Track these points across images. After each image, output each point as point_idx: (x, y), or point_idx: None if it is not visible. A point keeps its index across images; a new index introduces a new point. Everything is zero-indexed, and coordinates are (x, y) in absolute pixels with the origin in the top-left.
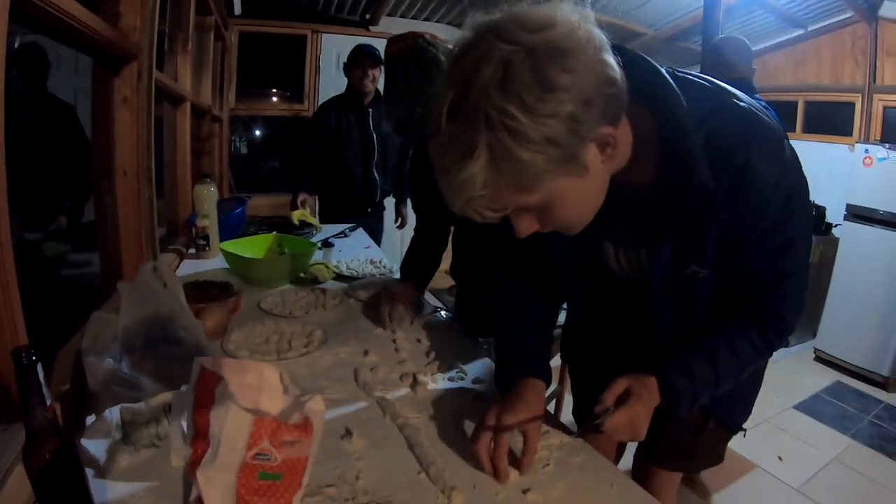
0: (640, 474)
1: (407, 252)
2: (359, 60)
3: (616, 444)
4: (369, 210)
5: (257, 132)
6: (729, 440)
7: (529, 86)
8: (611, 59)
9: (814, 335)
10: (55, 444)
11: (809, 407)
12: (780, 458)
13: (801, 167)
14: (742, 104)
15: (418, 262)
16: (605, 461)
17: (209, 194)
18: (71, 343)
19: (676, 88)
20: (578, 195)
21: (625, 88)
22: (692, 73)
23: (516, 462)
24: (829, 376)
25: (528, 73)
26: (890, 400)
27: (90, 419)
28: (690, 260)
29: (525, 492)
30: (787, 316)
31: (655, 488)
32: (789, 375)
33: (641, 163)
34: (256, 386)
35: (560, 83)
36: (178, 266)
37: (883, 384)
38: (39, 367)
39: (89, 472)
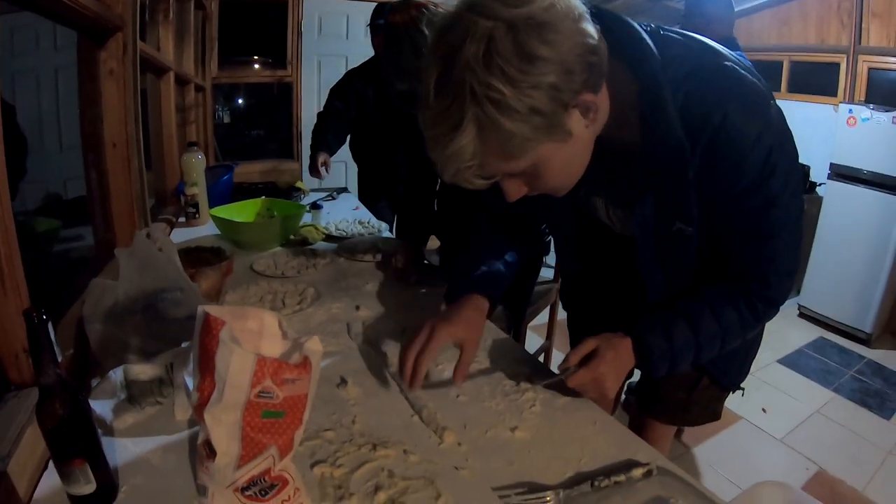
0: (637, 425)
1: (401, 211)
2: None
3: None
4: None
5: (240, 100)
6: (725, 398)
7: (511, 59)
8: (590, 28)
9: (798, 292)
10: (67, 399)
11: (793, 361)
12: (763, 410)
13: (787, 129)
14: (727, 63)
15: (414, 222)
16: (589, 402)
17: (197, 162)
18: (72, 310)
19: (654, 50)
20: (563, 159)
21: (605, 55)
22: (679, 31)
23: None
24: (813, 332)
25: (509, 46)
26: (872, 356)
27: (95, 381)
28: (675, 217)
29: (513, 430)
30: (772, 281)
31: (651, 439)
32: (774, 330)
33: (628, 121)
34: (257, 331)
35: (541, 55)
36: (169, 234)
37: (865, 340)
38: (50, 326)
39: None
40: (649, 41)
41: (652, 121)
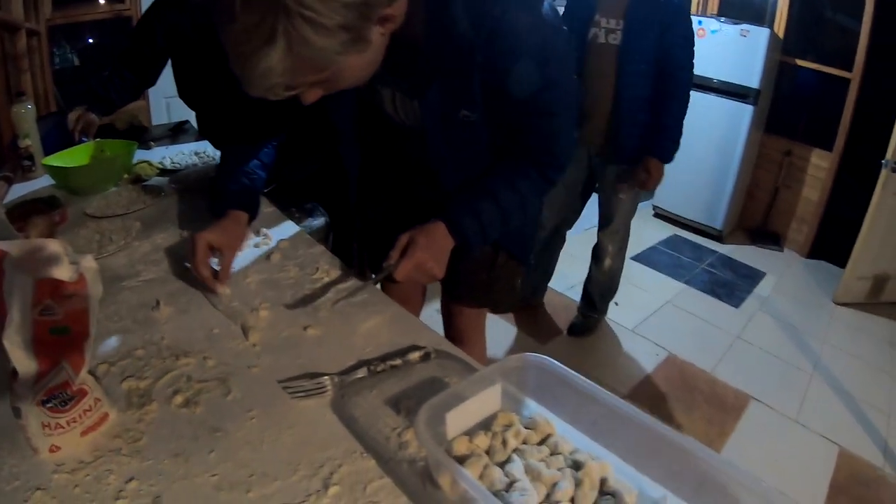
0: (448, 314)
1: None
2: None
3: (420, 288)
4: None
5: (90, 40)
6: (521, 275)
7: None
8: None
9: (652, 193)
10: None
11: (646, 257)
12: (616, 304)
13: (562, 24)
14: None
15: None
16: (385, 297)
17: (26, 113)
18: None
19: None
20: (361, 65)
21: None
22: None
23: None
24: (667, 230)
25: None
26: (723, 251)
27: None
28: (461, 104)
29: (306, 328)
30: (558, 151)
31: (464, 326)
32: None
33: (416, 16)
34: (45, 259)
35: None
36: (6, 192)
37: (717, 237)
38: None
39: None
40: None
41: (439, 15)
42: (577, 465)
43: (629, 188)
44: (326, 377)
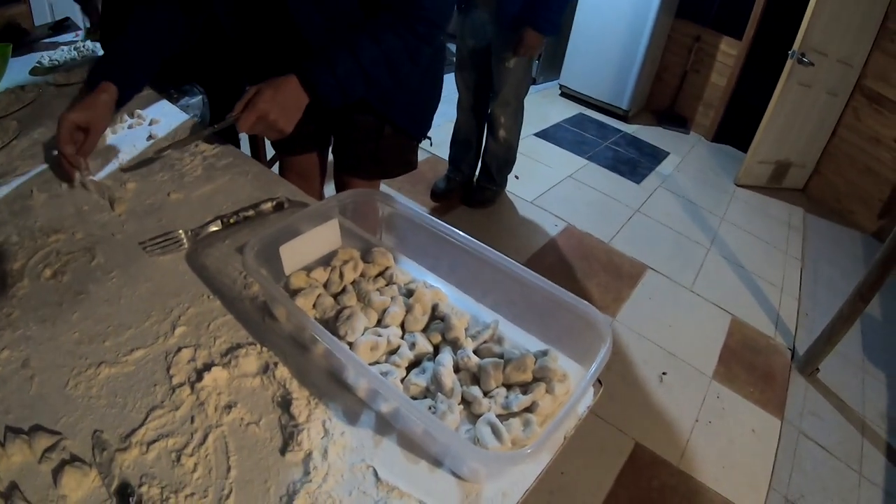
0: (341, 187)
1: None
2: None
3: (318, 161)
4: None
5: None
6: (415, 148)
7: None
8: None
9: (559, 73)
10: None
11: (550, 134)
12: (516, 177)
13: None
14: None
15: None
16: (248, 158)
17: None
18: None
19: None
20: None
21: None
22: None
23: None
24: (573, 109)
25: None
26: (628, 130)
27: None
28: None
29: (169, 194)
30: (425, 2)
31: None
32: (534, 108)
33: None
34: None
35: None
36: None
37: (623, 117)
38: None
39: None
40: None
41: None
42: (411, 294)
43: (512, 56)
44: (180, 231)
